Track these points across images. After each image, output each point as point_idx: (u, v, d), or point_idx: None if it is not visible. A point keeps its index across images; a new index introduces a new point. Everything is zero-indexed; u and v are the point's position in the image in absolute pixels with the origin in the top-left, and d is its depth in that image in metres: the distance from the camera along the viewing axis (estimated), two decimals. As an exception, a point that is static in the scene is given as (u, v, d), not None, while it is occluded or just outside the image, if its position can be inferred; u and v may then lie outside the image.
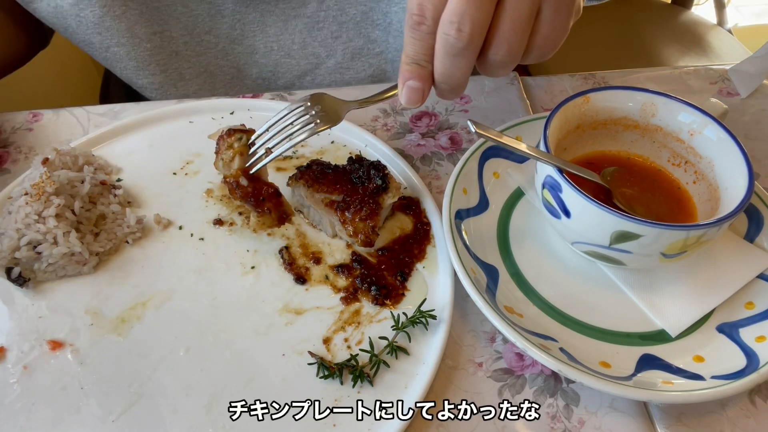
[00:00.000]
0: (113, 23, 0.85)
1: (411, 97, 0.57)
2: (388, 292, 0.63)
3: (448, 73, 0.55)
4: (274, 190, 0.67)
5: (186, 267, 0.66)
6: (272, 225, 0.69)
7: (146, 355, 0.59)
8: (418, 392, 0.55)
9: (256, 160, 0.64)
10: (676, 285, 0.62)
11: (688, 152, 0.65)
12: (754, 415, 0.56)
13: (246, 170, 0.65)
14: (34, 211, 0.62)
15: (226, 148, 0.65)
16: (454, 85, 0.56)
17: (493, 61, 0.55)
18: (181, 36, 0.91)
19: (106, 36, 0.86)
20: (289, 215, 0.70)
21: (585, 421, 0.55)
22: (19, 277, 0.63)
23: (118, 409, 0.56)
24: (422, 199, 0.71)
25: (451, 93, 0.58)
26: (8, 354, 0.59)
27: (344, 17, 0.91)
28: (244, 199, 0.66)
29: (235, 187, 0.65)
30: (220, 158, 0.66)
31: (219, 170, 0.67)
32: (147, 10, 0.87)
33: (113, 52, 0.89)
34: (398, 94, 0.58)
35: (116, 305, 0.63)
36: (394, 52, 0.95)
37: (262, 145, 0.64)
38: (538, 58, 0.57)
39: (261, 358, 0.59)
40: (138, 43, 0.89)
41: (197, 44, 0.92)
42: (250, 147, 0.65)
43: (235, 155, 0.65)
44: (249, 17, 0.91)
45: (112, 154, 0.77)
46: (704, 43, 1.51)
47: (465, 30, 0.51)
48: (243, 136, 0.65)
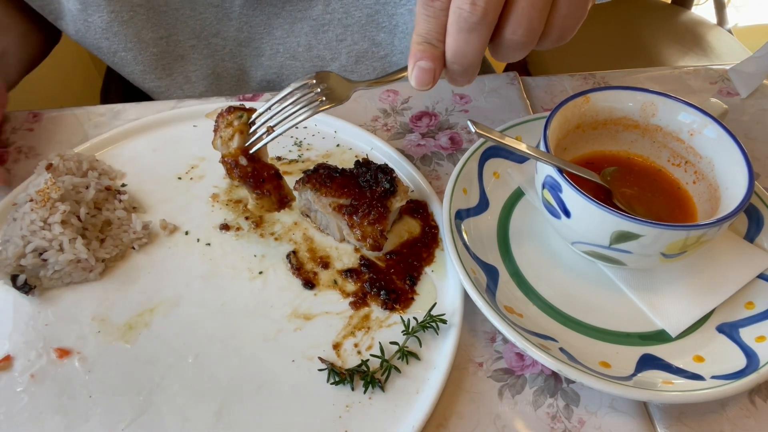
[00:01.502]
0: (121, 28, 0.86)
1: (421, 78, 0.54)
2: (398, 297, 0.63)
3: (461, 51, 0.52)
4: (274, 171, 0.65)
5: (193, 273, 0.66)
6: (271, 209, 0.66)
7: (154, 363, 0.59)
8: (431, 397, 0.55)
9: (256, 139, 0.61)
10: (676, 285, 0.62)
11: (688, 152, 0.65)
12: (754, 415, 0.56)
13: (246, 149, 0.62)
14: (39, 217, 0.62)
15: (225, 126, 0.62)
16: (466, 65, 0.54)
17: (509, 41, 0.52)
18: (188, 39, 0.91)
19: (113, 41, 0.87)
20: (290, 200, 0.67)
21: (585, 421, 0.55)
22: (24, 285, 0.62)
23: (128, 418, 0.55)
24: (430, 202, 0.71)
25: (463, 75, 0.56)
26: (15, 362, 0.59)
27: (349, 20, 0.91)
28: (243, 180, 0.63)
29: (233, 167, 0.62)
30: (218, 136, 0.63)
31: (217, 149, 0.64)
32: (154, 15, 0.88)
33: (121, 57, 0.89)
34: (408, 76, 0.56)
35: (123, 312, 0.62)
36: (399, 55, 0.95)
37: (264, 123, 0.61)
38: (555, 42, 0.55)
39: (271, 365, 0.59)
40: (145, 48, 0.89)
41: (204, 47, 0.93)
42: (250, 126, 0.62)
43: (235, 133, 0.62)
44: (256, 20, 0.91)
45: (116, 159, 0.77)
46: (704, 43, 1.51)
47: (479, 3, 0.49)
48: (243, 114, 0.62)
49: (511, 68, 1.18)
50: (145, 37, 0.88)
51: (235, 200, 0.73)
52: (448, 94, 0.86)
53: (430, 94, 0.86)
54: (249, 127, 0.62)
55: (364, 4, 0.90)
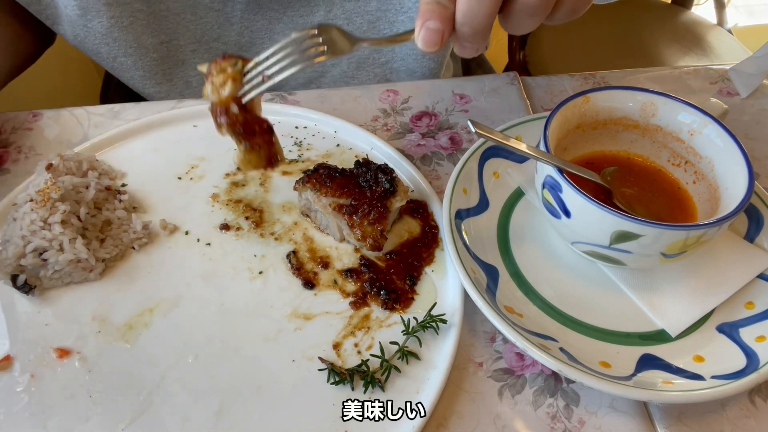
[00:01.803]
0: (120, 34, 0.86)
1: (429, 39, 0.52)
2: (398, 297, 0.63)
3: (472, 12, 0.50)
4: (267, 125, 0.61)
5: (193, 273, 0.66)
6: (259, 165, 0.62)
7: (155, 363, 0.59)
8: (431, 397, 0.55)
9: (250, 88, 0.57)
10: (676, 285, 0.62)
11: (688, 152, 0.65)
12: (754, 415, 0.56)
13: (238, 99, 0.57)
14: (39, 217, 0.62)
15: (217, 72, 0.58)
16: (477, 27, 0.51)
17: (523, 5, 0.50)
18: (189, 44, 0.91)
19: (113, 47, 0.87)
20: (280, 160, 0.63)
21: (585, 421, 0.55)
22: (24, 285, 0.62)
23: (128, 418, 0.55)
24: (430, 202, 0.71)
25: (473, 38, 0.52)
26: (15, 362, 0.59)
27: (351, 26, 0.91)
28: (232, 129, 0.58)
29: (223, 114, 0.58)
30: (209, 82, 0.58)
31: (206, 97, 0.59)
32: (155, 20, 0.88)
33: (120, 62, 0.89)
34: (414, 37, 0.53)
35: (123, 312, 0.62)
36: (399, 62, 0.95)
37: (260, 73, 0.56)
38: (570, 13, 0.53)
39: (271, 365, 0.59)
40: (145, 53, 0.89)
41: (205, 51, 0.93)
42: (245, 76, 0.57)
43: (227, 80, 0.57)
44: (257, 24, 0.91)
45: (116, 159, 0.77)
46: (704, 43, 1.51)
47: None
48: (238, 61, 0.58)
49: (511, 68, 1.19)
50: (145, 42, 0.88)
51: (235, 200, 0.73)
52: (448, 94, 0.86)
53: (430, 94, 0.86)
54: (243, 76, 0.57)
55: (365, 11, 0.90)
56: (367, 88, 0.87)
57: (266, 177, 0.75)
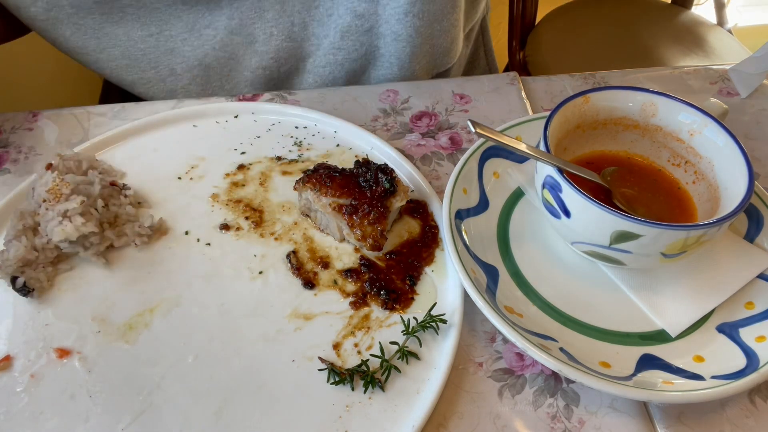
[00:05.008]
0: (112, 29, 0.86)
1: None
2: (398, 297, 0.63)
3: None
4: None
5: (193, 273, 0.66)
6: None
7: (155, 363, 0.59)
8: (431, 397, 0.55)
9: None
10: (676, 285, 0.62)
11: (688, 152, 0.65)
12: (754, 415, 0.56)
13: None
14: (57, 213, 0.62)
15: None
16: None
17: None
18: (180, 33, 0.91)
19: (103, 40, 0.88)
20: None
21: (585, 421, 0.55)
22: (23, 287, 0.62)
23: (128, 418, 0.55)
24: (429, 202, 0.71)
25: None
26: (15, 362, 0.59)
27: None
28: None
29: None
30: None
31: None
32: (146, 13, 0.88)
33: (108, 53, 0.90)
34: None
35: (123, 312, 0.62)
36: (384, 25, 0.91)
37: None
38: None
39: (271, 365, 0.59)
40: (133, 45, 0.90)
41: (196, 39, 0.92)
42: None
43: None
44: (246, 4, 0.89)
45: (116, 159, 0.77)
46: (704, 43, 1.51)
47: None
48: None
49: (511, 68, 1.19)
50: (134, 35, 0.88)
51: (235, 200, 0.73)
52: (448, 94, 0.86)
53: (430, 94, 0.86)
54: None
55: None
56: (367, 88, 0.87)
57: (266, 177, 0.75)
